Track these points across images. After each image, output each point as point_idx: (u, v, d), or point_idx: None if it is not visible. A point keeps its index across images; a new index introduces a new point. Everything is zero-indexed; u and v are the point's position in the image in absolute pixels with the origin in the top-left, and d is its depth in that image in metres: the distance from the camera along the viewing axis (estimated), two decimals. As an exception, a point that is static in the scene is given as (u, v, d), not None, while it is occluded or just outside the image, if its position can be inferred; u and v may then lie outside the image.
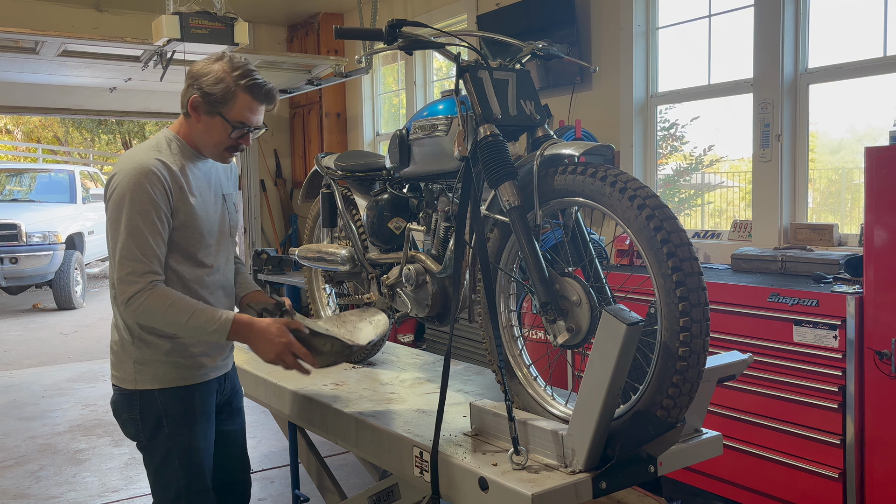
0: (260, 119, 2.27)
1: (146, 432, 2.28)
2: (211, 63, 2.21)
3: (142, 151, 2.20)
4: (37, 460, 4.64)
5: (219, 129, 2.23)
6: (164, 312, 2.09)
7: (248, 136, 2.28)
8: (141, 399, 2.25)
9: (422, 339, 5.98)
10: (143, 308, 2.09)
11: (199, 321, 2.12)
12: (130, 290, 2.08)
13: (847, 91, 3.98)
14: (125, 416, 2.30)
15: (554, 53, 2.23)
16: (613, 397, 1.77)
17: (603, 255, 2.35)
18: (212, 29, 4.67)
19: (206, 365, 2.33)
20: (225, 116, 2.21)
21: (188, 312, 2.11)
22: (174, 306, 2.10)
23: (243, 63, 2.22)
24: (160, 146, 2.23)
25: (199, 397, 2.31)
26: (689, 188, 5.16)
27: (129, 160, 2.17)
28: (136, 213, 2.10)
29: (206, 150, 2.29)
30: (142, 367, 2.24)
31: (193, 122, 2.24)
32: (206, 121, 2.22)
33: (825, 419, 3.08)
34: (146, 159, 2.15)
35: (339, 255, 2.90)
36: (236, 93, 2.18)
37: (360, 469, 4.06)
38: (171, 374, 2.26)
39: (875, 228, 2.94)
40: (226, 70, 2.18)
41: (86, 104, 7.24)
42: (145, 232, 2.10)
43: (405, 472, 2.21)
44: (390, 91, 7.83)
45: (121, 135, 21.71)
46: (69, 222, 10.87)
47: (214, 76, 2.18)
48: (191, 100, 2.21)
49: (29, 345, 8.34)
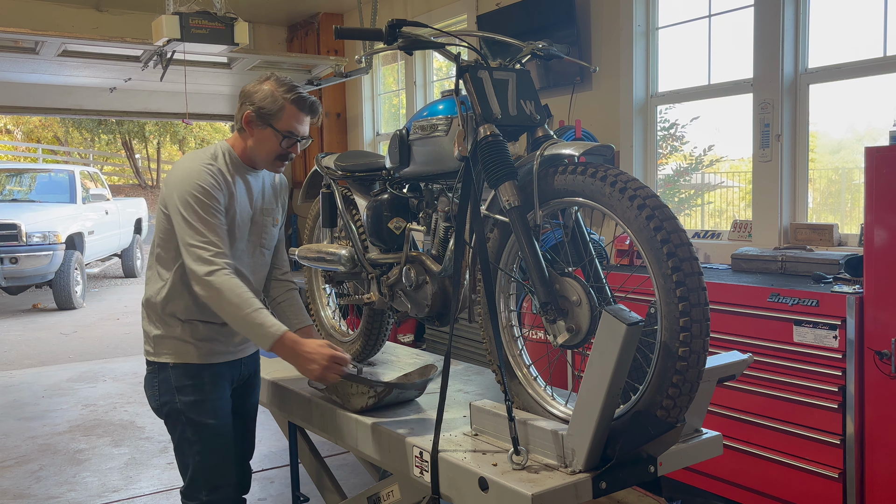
0: (306, 130, 2.51)
1: (163, 407, 2.50)
2: (260, 83, 2.46)
3: (199, 160, 2.42)
4: (37, 460, 4.64)
5: (270, 140, 2.46)
6: (230, 297, 2.29)
7: (296, 144, 2.50)
8: (159, 373, 2.49)
9: (422, 339, 5.98)
10: (218, 285, 2.28)
11: (255, 320, 2.30)
12: (211, 263, 2.30)
13: (847, 91, 3.98)
14: (149, 390, 2.55)
15: (554, 53, 2.23)
16: (613, 397, 1.77)
17: (603, 255, 2.35)
18: (212, 29, 4.67)
19: (216, 350, 2.52)
20: (275, 127, 2.44)
21: (252, 306, 2.30)
22: (241, 297, 2.30)
23: (288, 80, 2.48)
24: (216, 156, 2.46)
25: (210, 378, 2.50)
26: (689, 188, 5.16)
27: (187, 165, 2.41)
28: (203, 209, 2.33)
29: (260, 161, 2.51)
30: (159, 341, 2.49)
31: (247, 136, 2.48)
32: (259, 133, 2.46)
33: (825, 419, 3.08)
34: (205, 166, 2.39)
35: (339, 255, 2.90)
36: (284, 105, 2.42)
37: (360, 469, 4.06)
38: (182, 351, 2.47)
39: (875, 228, 2.94)
40: (274, 87, 2.44)
41: (86, 104, 7.23)
42: (216, 225, 2.35)
43: (405, 472, 2.21)
44: (390, 91, 7.83)
45: (121, 135, 21.72)
46: (69, 222, 10.86)
47: (264, 93, 2.43)
48: (245, 115, 2.45)
49: (29, 345, 8.34)
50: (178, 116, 7.39)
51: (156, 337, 2.49)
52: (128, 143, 22.17)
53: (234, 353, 2.58)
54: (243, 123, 2.46)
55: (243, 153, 2.50)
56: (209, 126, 21.16)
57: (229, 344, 2.55)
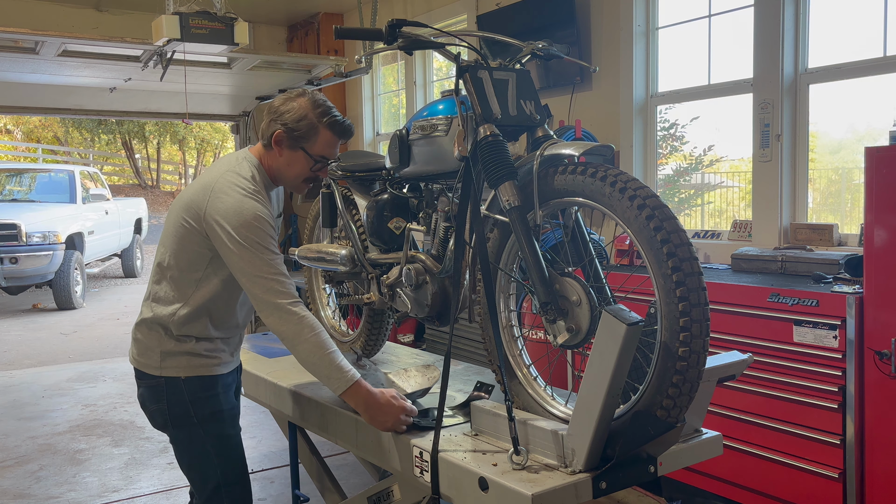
0: (337, 152, 2.41)
1: (174, 422, 2.37)
2: (292, 100, 2.32)
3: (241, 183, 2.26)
4: (37, 460, 4.64)
5: (301, 163, 2.35)
6: (309, 335, 2.20)
7: (325, 168, 2.41)
8: (167, 388, 2.35)
9: (422, 339, 5.98)
10: (298, 320, 2.20)
11: (334, 362, 2.22)
12: (289, 296, 2.21)
13: (847, 91, 3.98)
14: (152, 407, 2.40)
15: (554, 53, 2.23)
16: (613, 397, 1.77)
17: (603, 255, 2.35)
18: (212, 29, 4.67)
19: (224, 360, 2.44)
20: (308, 151, 2.33)
21: (329, 348, 2.22)
22: (320, 337, 2.21)
23: (323, 100, 2.35)
24: (256, 179, 2.32)
25: (222, 388, 2.43)
26: (689, 188, 5.16)
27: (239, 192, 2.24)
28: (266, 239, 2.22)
29: (286, 182, 2.42)
30: (168, 355, 2.35)
31: (276, 155, 2.36)
32: (289, 154, 2.34)
33: (825, 419, 3.08)
34: (255, 194, 2.26)
35: (339, 255, 2.90)
36: (319, 129, 2.31)
37: (360, 469, 4.06)
38: (195, 363, 2.36)
39: (875, 228, 2.94)
40: (307, 107, 2.30)
41: (86, 104, 7.22)
42: (278, 257, 2.24)
43: (405, 472, 2.21)
44: (390, 91, 7.83)
45: (121, 135, 21.73)
46: (69, 222, 10.86)
47: (297, 113, 2.30)
48: (275, 135, 2.32)
49: (29, 345, 8.34)
50: (178, 116, 7.38)
51: (164, 353, 2.35)
52: (128, 143, 22.17)
53: (235, 361, 2.54)
54: (272, 142, 2.33)
55: (269, 171, 2.40)
56: (209, 126, 21.16)
57: (233, 353, 2.51)
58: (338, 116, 2.35)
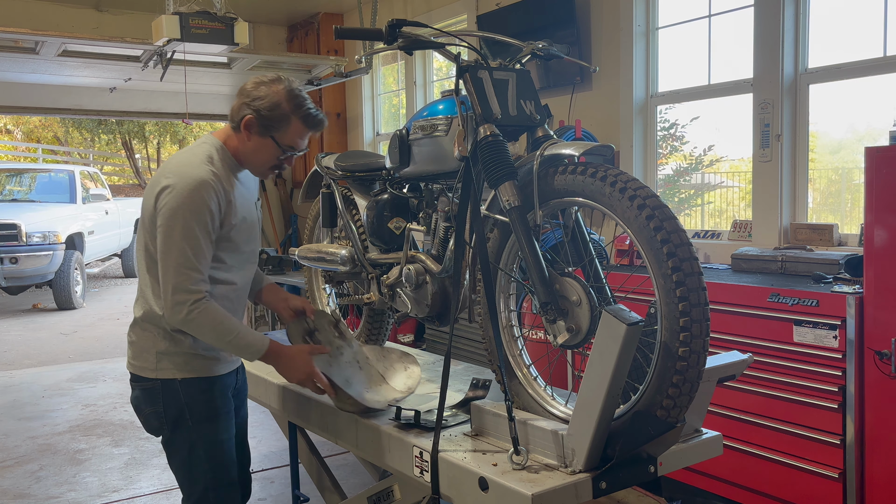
0: (306, 143, 2.36)
1: (169, 425, 2.34)
2: (268, 85, 2.26)
3: (197, 163, 2.23)
4: (37, 460, 4.64)
5: (269, 151, 2.30)
6: (213, 328, 2.21)
7: (293, 158, 2.36)
8: (163, 390, 2.31)
9: (422, 339, 5.98)
10: (195, 320, 2.18)
11: (241, 342, 2.26)
12: (185, 298, 2.16)
13: (847, 91, 3.98)
14: (147, 410, 2.36)
15: (554, 53, 2.23)
16: (613, 397, 1.77)
17: (603, 255, 2.35)
18: (212, 29, 4.67)
19: (224, 359, 2.41)
20: (277, 140, 2.28)
21: (234, 332, 2.24)
22: (223, 325, 2.22)
23: (299, 90, 2.29)
24: (212, 157, 2.27)
25: (219, 390, 2.39)
26: (689, 188, 5.16)
27: (186, 170, 2.20)
28: (195, 223, 2.16)
29: (252, 167, 2.37)
30: (163, 356, 2.31)
31: (243, 139, 2.30)
32: (257, 141, 2.29)
33: (825, 419, 3.08)
34: (203, 171, 2.20)
35: (339, 255, 2.90)
36: (291, 119, 2.26)
37: (360, 469, 4.06)
38: (192, 364, 2.32)
39: (875, 228, 2.94)
40: (283, 96, 2.24)
41: (86, 104, 7.22)
42: (201, 241, 2.18)
43: (405, 472, 2.21)
44: (390, 91, 7.83)
45: (121, 135, 21.71)
46: (69, 222, 10.86)
47: (271, 101, 2.24)
48: (245, 119, 2.26)
49: (29, 345, 8.34)
50: (178, 116, 7.38)
51: (159, 353, 2.30)
52: (128, 143, 22.16)
53: (234, 361, 2.51)
54: (241, 126, 2.27)
55: (236, 153, 2.33)
56: (209, 126, 21.14)
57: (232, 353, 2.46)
58: (311, 108, 2.30)
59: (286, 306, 2.60)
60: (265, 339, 2.31)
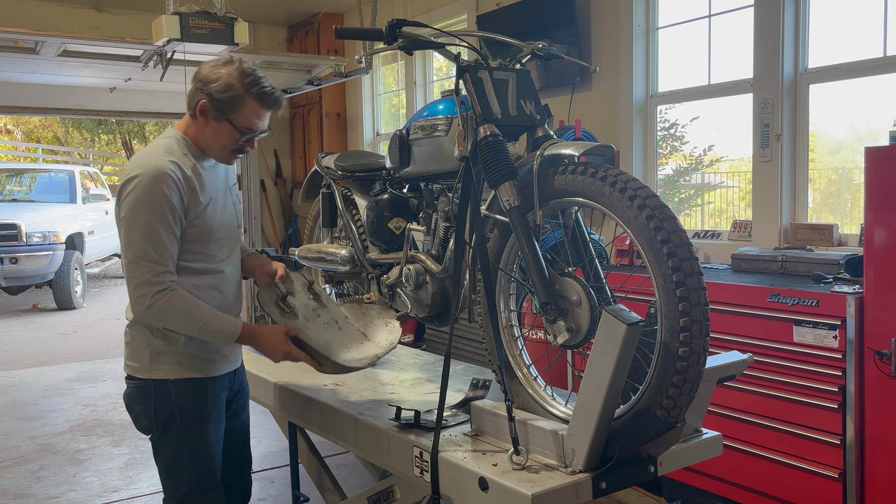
0: (266, 124, 2.30)
1: (159, 425, 2.31)
2: (219, 67, 2.21)
3: (155, 154, 2.20)
4: (37, 460, 4.64)
5: (227, 134, 2.25)
6: (179, 317, 2.17)
7: (253, 140, 2.30)
8: (155, 390, 2.29)
9: (422, 339, 5.99)
10: (159, 311, 2.14)
11: (213, 327, 2.21)
12: (147, 290, 2.13)
13: (847, 91, 3.98)
14: (138, 408, 2.34)
15: (554, 53, 2.23)
16: (613, 397, 1.77)
17: (603, 255, 2.35)
18: (212, 29, 4.67)
19: (219, 360, 2.37)
20: (233, 123, 2.23)
21: (203, 318, 2.19)
22: (189, 312, 2.17)
23: (252, 69, 2.23)
24: (171, 148, 2.24)
25: (212, 391, 2.35)
26: (689, 188, 5.16)
27: (144, 163, 2.17)
28: (153, 216, 2.13)
29: (212, 153, 2.31)
30: (157, 356, 2.28)
31: (201, 125, 2.26)
32: (214, 125, 2.24)
33: (825, 419, 3.08)
34: (161, 162, 2.17)
35: (339, 255, 2.90)
36: (245, 100, 2.20)
37: (360, 469, 4.06)
38: (186, 364, 2.29)
39: (875, 228, 2.94)
40: (235, 76, 2.19)
41: (86, 104, 7.23)
42: (161, 234, 2.14)
43: (405, 472, 2.21)
44: (390, 91, 7.83)
45: (121, 135, 21.71)
46: (69, 222, 10.86)
47: (223, 82, 2.19)
48: (199, 104, 2.22)
49: (29, 345, 8.34)
50: (178, 116, 7.35)
51: (153, 352, 2.27)
52: (128, 143, 22.15)
53: (232, 362, 2.45)
54: (197, 112, 2.22)
55: (196, 141, 2.28)
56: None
57: (230, 353, 2.42)
58: (266, 86, 2.23)
59: (262, 272, 2.55)
60: (237, 321, 2.27)
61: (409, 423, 2.27)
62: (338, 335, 2.55)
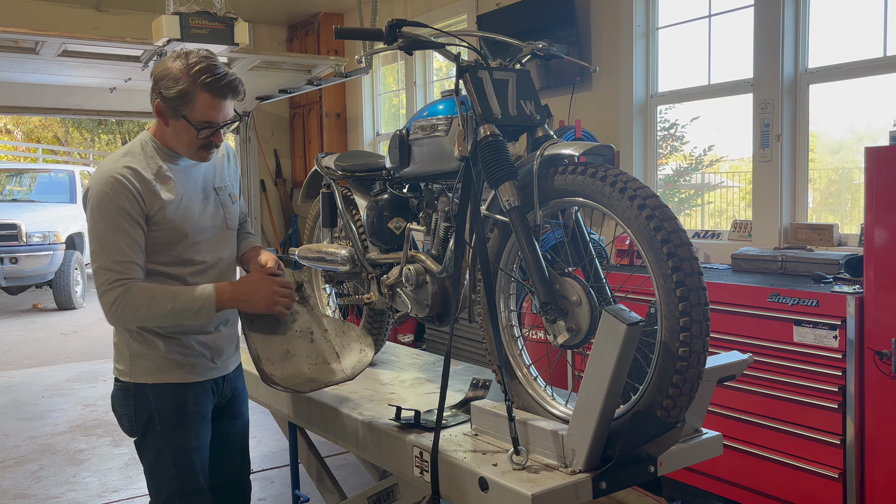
0: (228, 113, 2.18)
1: (139, 428, 2.28)
2: (169, 63, 2.13)
3: (112, 160, 2.17)
4: (37, 460, 4.64)
5: (186, 132, 2.17)
6: (147, 307, 2.10)
7: (218, 133, 2.20)
8: (136, 393, 2.25)
9: (422, 339, 5.98)
10: (127, 304, 2.09)
11: (184, 302, 2.14)
12: (109, 297, 2.10)
13: (847, 91, 3.98)
14: (121, 410, 2.32)
15: (554, 53, 2.23)
16: (613, 397, 1.77)
17: (603, 255, 2.35)
18: (212, 29, 4.67)
19: (201, 365, 2.31)
20: (188, 119, 2.14)
21: (170, 298, 2.13)
22: (155, 297, 2.11)
23: (199, 59, 2.11)
24: (133, 151, 2.20)
25: (193, 397, 2.29)
26: (689, 188, 5.16)
27: (98, 172, 2.15)
28: (106, 224, 2.10)
29: (182, 151, 2.23)
30: (138, 359, 2.25)
31: (163, 126, 2.20)
32: (174, 124, 2.17)
33: (825, 419, 3.08)
34: (113, 168, 2.13)
35: (339, 255, 2.90)
36: (195, 93, 2.10)
37: (360, 469, 4.06)
38: (164, 369, 2.25)
39: (875, 228, 2.94)
40: (182, 69, 2.09)
41: (86, 104, 7.23)
42: (119, 241, 2.10)
43: (405, 472, 2.21)
44: (390, 91, 7.84)
45: (121, 135, 21.71)
46: (69, 222, 10.86)
47: (170, 78, 2.10)
48: (155, 105, 2.17)
49: (29, 345, 8.34)
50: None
51: (132, 355, 2.24)
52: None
53: (219, 368, 2.37)
54: (155, 113, 2.17)
55: (163, 141, 2.21)
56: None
57: (216, 359, 2.35)
58: (217, 73, 2.10)
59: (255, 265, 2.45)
60: (208, 286, 2.19)
61: (409, 423, 2.27)
62: (305, 347, 2.46)
